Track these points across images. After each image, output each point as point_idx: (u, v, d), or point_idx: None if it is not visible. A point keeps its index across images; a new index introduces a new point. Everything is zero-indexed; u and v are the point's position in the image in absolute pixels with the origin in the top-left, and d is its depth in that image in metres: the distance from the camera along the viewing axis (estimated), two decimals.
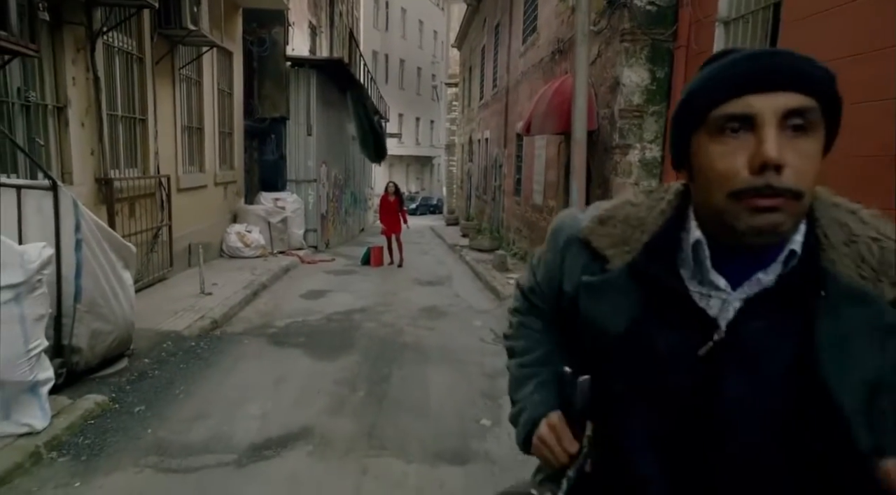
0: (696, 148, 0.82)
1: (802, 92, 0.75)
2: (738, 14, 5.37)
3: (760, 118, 0.75)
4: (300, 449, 3.42)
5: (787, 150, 0.75)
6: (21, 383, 3.21)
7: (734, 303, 0.82)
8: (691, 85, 0.84)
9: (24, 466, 3.00)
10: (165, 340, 5.29)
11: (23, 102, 5.06)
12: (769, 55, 0.78)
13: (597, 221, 0.94)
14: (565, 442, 0.95)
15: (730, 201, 0.77)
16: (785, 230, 0.78)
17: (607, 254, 0.91)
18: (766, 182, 0.74)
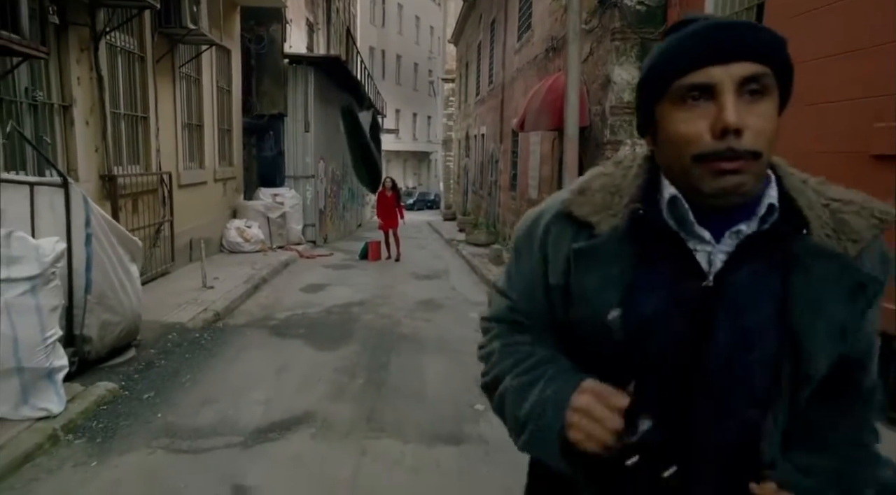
0: (660, 115, 0.86)
1: (756, 61, 0.80)
2: (725, 14, 5.54)
3: (720, 87, 0.80)
4: (303, 432, 3.60)
5: (746, 114, 0.80)
6: (38, 370, 3.39)
7: (719, 255, 0.87)
8: (654, 56, 0.88)
9: (44, 447, 3.18)
10: (170, 332, 5.46)
11: (30, 102, 5.22)
12: (726, 28, 0.82)
13: (575, 193, 0.96)
14: (612, 398, 0.84)
15: (694, 164, 0.82)
16: (747, 189, 0.83)
17: (592, 221, 0.92)
18: (727, 145, 0.79)
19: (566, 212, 0.95)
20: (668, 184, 0.89)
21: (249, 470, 3.14)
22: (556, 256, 0.95)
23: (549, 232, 0.96)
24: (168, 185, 8.08)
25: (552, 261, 0.95)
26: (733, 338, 0.85)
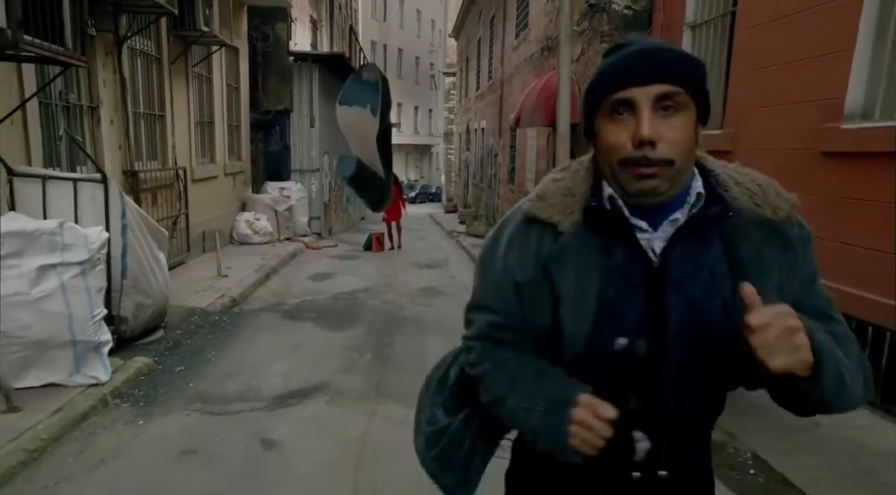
0: (597, 125, 1.00)
1: (670, 82, 0.93)
2: (703, 20, 5.98)
3: (638, 104, 0.94)
4: (319, 399, 4.09)
5: (661, 127, 0.93)
6: (88, 343, 3.88)
7: (657, 242, 1.00)
8: (593, 76, 1.01)
9: (97, 408, 3.67)
10: (193, 315, 5.95)
11: (64, 104, 5.69)
12: (647, 53, 0.95)
13: (535, 200, 1.08)
14: (600, 410, 0.96)
15: (619, 167, 0.96)
16: (662, 191, 0.96)
17: (555, 221, 1.04)
18: (643, 154, 0.93)
19: (530, 217, 1.06)
20: (606, 185, 1.03)
21: (274, 427, 3.63)
22: (522, 256, 1.05)
23: (513, 239, 1.08)
24: (183, 180, 8.54)
25: (519, 262, 1.06)
26: (684, 307, 0.98)
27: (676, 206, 1.00)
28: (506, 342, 1.10)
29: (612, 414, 0.95)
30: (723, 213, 0.99)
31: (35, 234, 3.70)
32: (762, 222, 0.99)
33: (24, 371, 3.68)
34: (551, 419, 0.99)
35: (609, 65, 0.98)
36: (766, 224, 1.00)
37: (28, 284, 3.63)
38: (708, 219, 0.99)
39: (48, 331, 3.70)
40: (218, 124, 10.37)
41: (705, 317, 0.97)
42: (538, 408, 1.01)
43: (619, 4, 6.86)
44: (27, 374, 3.70)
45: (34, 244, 3.69)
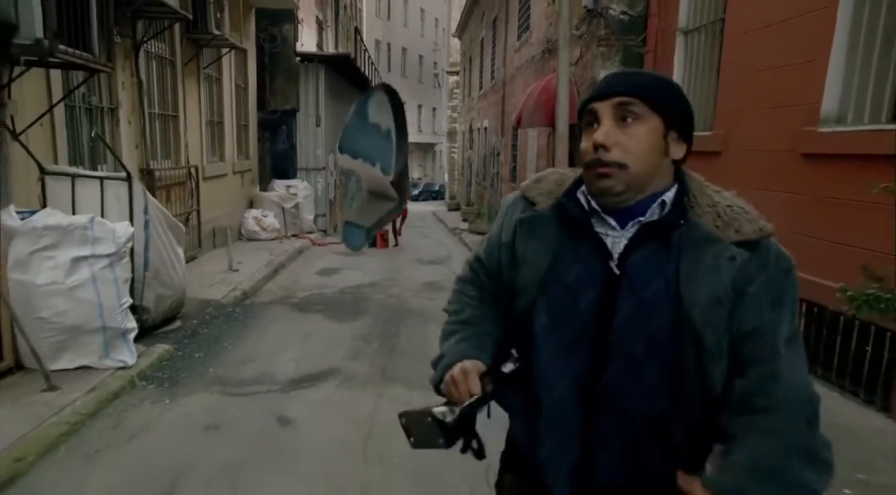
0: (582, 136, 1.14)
1: (626, 94, 1.07)
2: (695, 26, 6.26)
3: (600, 114, 1.08)
4: (329, 382, 4.39)
5: (617, 135, 1.06)
6: (116, 329, 4.18)
7: (622, 240, 1.10)
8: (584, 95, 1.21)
9: (126, 388, 3.98)
10: (207, 307, 6.25)
11: (87, 106, 5.99)
12: (616, 75, 1.12)
13: (533, 181, 1.26)
14: (470, 383, 1.13)
15: (586, 170, 1.11)
16: (618, 191, 1.08)
17: (537, 201, 1.20)
18: (597, 157, 1.07)
19: (522, 194, 1.25)
20: (584, 186, 1.17)
21: (289, 407, 3.93)
22: (508, 222, 1.25)
23: (508, 208, 1.27)
24: (195, 178, 8.85)
25: (505, 228, 1.25)
26: (633, 307, 1.06)
27: (645, 210, 1.10)
28: (479, 278, 1.31)
29: (474, 390, 1.12)
30: (679, 222, 1.08)
31: (69, 229, 4.00)
32: (715, 240, 1.06)
33: (59, 354, 3.99)
34: (444, 360, 1.21)
35: (591, 88, 1.15)
36: (718, 243, 1.06)
37: (63, 274, 3.94)
38: (666, 226, 1.08)
39: (81, 318, 4.01)
40: (227, 124, 10.68)
41: (653, 318, 1.05)
42: (447, 343, 1.25)
43: (616, 10, 7.13)
44: (62, 357, 4.00)
45: (68, 237, 4.00)
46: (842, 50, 4.09)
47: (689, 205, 1.10)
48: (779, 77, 4.71)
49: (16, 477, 2.86)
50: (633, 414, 1.08)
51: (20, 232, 3.89)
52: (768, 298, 1.04)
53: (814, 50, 4.27)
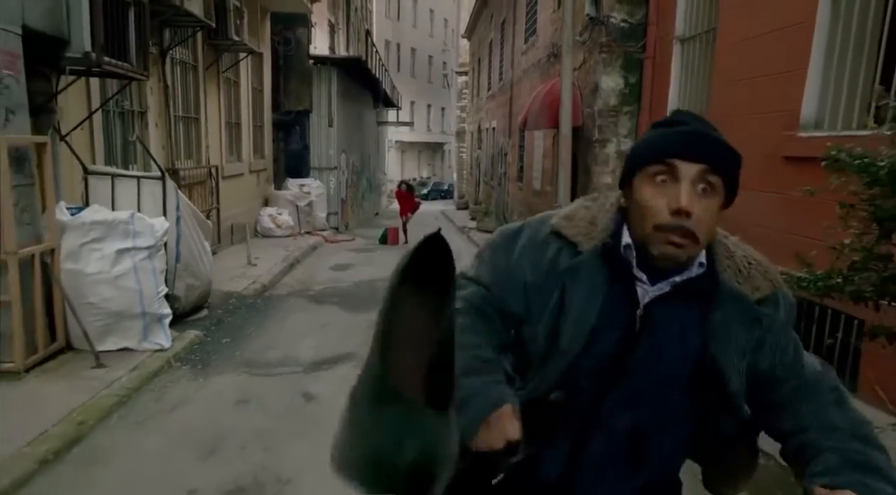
0: (637, 183, 1.08)
1: (713, 167, 1.02)
2: (690, 34, 6.61)
3: (682, 176, 1.02)
4: (347, 364, 4.79)
5: (695, 204, 1.01)
6: (154, 315, 4.61)
7: (650, 293, 1.10)
8: (646, 138, 1.10)
9: (164, 368, 4.40)
10: (230, 298, 6.68)
11: (119, 110, 6.42)
12: (702, 136, 1.05)
13: (563, 218, 1.18)
14: (509, 429, 1.04)
15: (653, 231, 1.03)
16: (682, 261, 1.05)
17: (578, 241, 1.14)
18: (679, 223, 1.00)
19: (555, 231, 1.16)
20: (627, 234, 1.11)
21: (311, 385, 4.33)
22: (537, 261, 1.15)
23: (532, 243, 1.18)
24: (215, 177, 9.29)
25: (532, 265, 1.16)
26: (649, 350, 1.09)
27: (677, 271, 1.09)
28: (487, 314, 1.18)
29: (514, 436, 1.03)
30: (713, 289, 1.09)
31: (113, 223, 4.43)
32: (738, 297, 1.09)
33: (105, 336, 4.41)
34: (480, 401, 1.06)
35: (667, 133, 1.07)
36: (742, 300, 1.09)
37: (109, 264, 4.36)
38: (700, 290, 1.09)
39: (124, 304, 4.43)
40: (244, 125, 11.12)
41: (664, 363, 1.09)
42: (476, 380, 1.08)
43: (617, 18, 7.48)
44: (106, 339, 4.42)
45: (112, 231, 4.42)
46: (819, 60, 4.44)
47: (716, 261, 1.12)
48: (764, 84, 5.06)
49: (80, 437, 3.28)
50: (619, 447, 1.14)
51: (71, 226, 4.32)
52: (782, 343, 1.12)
53: (794, 60, 4.62)
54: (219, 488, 2.91)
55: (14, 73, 3.76)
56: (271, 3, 11.91)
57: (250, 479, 3.01)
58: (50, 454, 3.03)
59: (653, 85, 7.43)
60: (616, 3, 7.50)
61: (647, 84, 7.52)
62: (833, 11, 4.37)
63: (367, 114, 19.62)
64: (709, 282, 1.09)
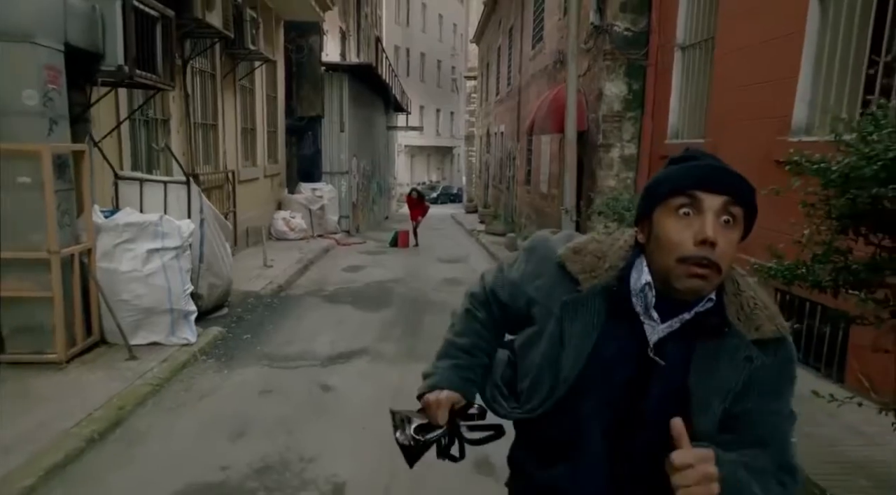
0: (657, 217, 1.08)
1: (735, 199, 1.04)
2: (690, 43, 6.86)
3: (706, 208, 1.03)
4: (362, 359, 5.07)
5: (719, 235, 1.02)
6: (181, 311, 4.90)
7: (659, 331, 1.10)
8: (665, 173, 1.11)
9: (190, 361, 4.70)
10: (249, 297, 6.98)
11: (144, 118, 6.75)
12: (722, 171, 1.07)
13: (571, 251, 1.18)
14: (439, 413, 1.19)
15: (677, 264, 1.03)
16: (705, 293, 1.06)
17: (579, 278, 1.15)
18: (704, 254, 1.01)
19: (560, 264, 1.18)
20: (647, 271, 1.10)
21: (329, 378, 4.61)
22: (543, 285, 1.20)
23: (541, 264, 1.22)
24: (231, 181, 9.62)
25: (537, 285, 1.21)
26: (664, 393, 1.10)
27: (688, 306, 1.09)
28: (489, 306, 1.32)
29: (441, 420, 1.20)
30: (721, 326, 1.09)
31: (144, 225, 4.73)
32: (735, 333, 1.09)
33: (136, 331, 4.71)
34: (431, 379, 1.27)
35: (686, 168, 1.09)
36: (737, 337, 1.09)
37: (140, 263, 4.67)
38: (708, 327, 1.09)
39: (154, 301, 4.73)
40: (259, 131, 11.46)
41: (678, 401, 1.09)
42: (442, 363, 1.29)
43: (620, 26, 7.74)
44: (137, 334, 4.72)
45: (143, 232, 4.72)
46: (809, 69, 4.68)
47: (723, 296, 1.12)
48: (759, 92, 5.30)
49: (120, 420, 3.57)
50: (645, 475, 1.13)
51: (105, 228, 4.62)
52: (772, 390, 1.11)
53: (786, 68, 4.87)
54: (249, 465, 3.18)
55: (57, 86, 4.07)
56: (285, 12, 12.25)
57: (277, 458, 3.28)
58: (96, 434, 3.33)
59: (655, 91, 7.68)
60: (619, 12, 7.76)
61: (649, 90, 7.77)
62: (822, 22, 4.62)
63: (377, 118, 19.95)
64: (717, 319, 1.09)
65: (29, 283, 4.11)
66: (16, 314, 4.16)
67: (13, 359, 4.14)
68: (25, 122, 3.91)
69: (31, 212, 4.03)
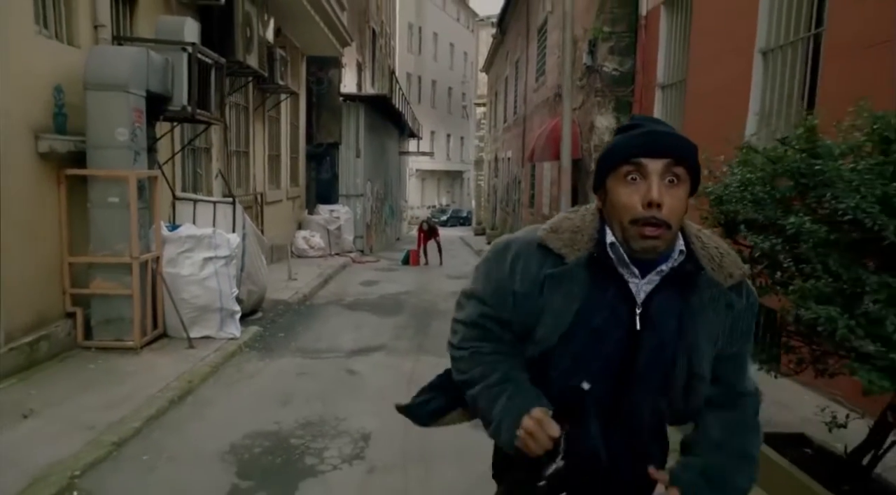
0: (610, 184, 1.20)
1: (676, 158, 1.15)
2: (669, 82, 7.81)
3: (650, 171, 1.14)
4: (380, 352, 5.97)
5: (665, 195, 1.13)
6: (228, 310, 5.83)
7: (644, 287, 1.22)
8: (612, 143, 1.22)
9: (237, 352, 5.61)
10: (278, 305, 7.90)
11: (192, 147, 7.77)
12: (660, 134, 1.18)
13: (549, 230, 1.29)
14: (549, 428, 1.16)
15: (630, 225, 1.16)
16: (661, 250, 1.17)
17: (563, 253, 1.24)
18: (652, 214, 1.13)
19: (542, 244, 1.27)
20: (610, 234, 1.22)
21: (353, 365, 5.50)
22: (525, 272, 1.27)
23: (519, 255, 1.29)
24: (260, 203, 10.63)
25: (521, 276, 1.27)
26: (655, 346, 1.22)
27: (662, 260, 1.20)
28: (487, 332, 1.32)
29: (556, 432, 1.16)
30: (695, 271, 1.21)
31: (201, 237, 5.69)
32: (714, 284, 1.21)
33: (192, 326, 5.63)
34: (506, 420, 1.22)
35: (630, 137, 1.18)
36: (717, 286, 1.21)
37: (198, 269, 5.61)
38: (685, 274, 1.21)
39: (207, 300, 5.67)
40: (283, 157, 12.52)
41: (667, 352, 1.21)
42: (498, 405, 1.24)
43: (609, 67, 8.73)
44: (193, 328, 5.64)
45: (200, 243, 5.68)
46: (756, 108, 5.61)
47: (693, 250, 1.23)
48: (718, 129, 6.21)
49: (190, 390, 4.49)
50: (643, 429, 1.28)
51: (170, 239, 5.59)
52: (745, 331, 1.26)
53: (739, 109, 5.79)
54: (295, 421, 4.07)
55: (140, 124, 5.07)
56: (309, 49, 13.38)
57: (316, 418, 4.17)
58: (175, 398, 4.24)
59: None
60: (608, 54, 8.76)
61: None
62: (764, 73, 5.55)
63: (390, 144, 21.06)
64: (692, 266, 1.21)
65: (113, 283, 5.06)
66: (102, 308, 5.12)
67: (99, 345, 5.09)
68: (117, 154, 4.90)
69: (118, 225, 4.99)
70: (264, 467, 3.41)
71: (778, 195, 2.54)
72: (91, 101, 4.83)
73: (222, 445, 3.65)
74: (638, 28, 8.48)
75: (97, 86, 4.80)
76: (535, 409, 1.19)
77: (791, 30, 5.18)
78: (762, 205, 2.56)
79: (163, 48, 5.50)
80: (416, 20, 37.34)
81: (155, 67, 5.22)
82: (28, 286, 4.55)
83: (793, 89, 5.15)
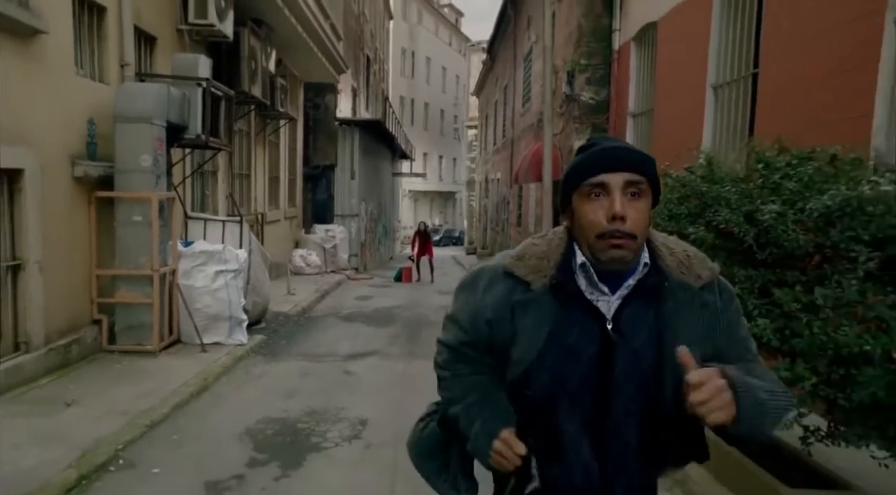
0: (575, 203, 1.25)
1: (635, 172, 1.19)
2: (639, 112, 8.54)
3: (611, 187, 1.18)
4: (374, 357, 6.56)
5: (627, 208, 1.17)
6: (237, 318, 6.42)
7: (614, 302, 1.24)
8: (573, 164, 1.26)
9: (245, 356, 6.19)
10: (280, 316, 8.49)
11: (200, 171, 8.41)
12: (618, 150, 1.22)
13: (515, 258, 1.32)
14: (515, 447, 1.24)
15: (596, 240, 1.20)
16: (628, 260, 1.20)
17: (529, 280, 1.27)
18: (616, 228, 1.17)
19: (508, 272, 1.30)
20: (580, 253, 1.25)
21: (350, 367, 6.09)
22: (495, 300, 1.31)
23: (491, 283, 1.33)
24: (260, 222, 11.24)
25: (492, 304, 1.31)
26: (628, 357, 1.23)
27: (629, 274, 1.25)
28: (467, 357, 1.39)
29: (522, 450, 1.24)
30: (661, 281, 1.25)
31: (212, 253, 6.30)
32: (685, 287, 1.25)
33: (204, 332, 6.21)
34: (481, 441, 1.30)
35: (590, 155, 1.24)
36: (688, 289, 1.25)
37: (210, 281, 6.21)
38: (650, 286, 1.24)
39: (218, 310, 6.26)
40: (281, 178, 13.17)
41: (643, 362, 1.23)
42: (475, 427, 1.32)
43: (586, 96, 9.46)
44: (205, 334, 6.22)
45: (212, 258, 6.28)
46: (709, 137, 6.30)
47: (660, 258, 1.27)
48: (679, 157, 6.91)
49: (206, 387, 5.07)
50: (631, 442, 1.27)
51: (185, 254, 6.19)
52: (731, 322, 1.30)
53: (694, 137, 6.49)
54: (301, 410, 4.66)
55: (161, 151, 5.70)
56: (307, 76, 14.11)
57: (319, 408, 4.76)
58: (194, 392, 4.83)
59: None
60: (586, 84, 9.50)
61: None
62: (716, 105, 6.26)
63: (384, 166, 21.77)
64: (657, 278, 1.24)
65: (136, 293, 5.66)
66: (126, 315, 5.70)
67: (122, 348, 5.67)
68: (141, 177, 5.53)
69: (140, 241, 5.60)
70: (276, 444, 4.00)
71: (686, 211, 3.19)
72: (119, 132, 5.48)
73: (239, 428, 4.24)
74: (612, 61, 9.23)
75: (125, 118, 5.45)
76: (503, 431, 1.27)
77: (736, 68, 5.90)
78: (676, 219, 3.20)
79: (180, 83, 6.16)
80: (409, 45, 38.31)
81: (174, 101, 5.87)
82: (64, 296, 5.15)
83: (737, 121, 5.85)
